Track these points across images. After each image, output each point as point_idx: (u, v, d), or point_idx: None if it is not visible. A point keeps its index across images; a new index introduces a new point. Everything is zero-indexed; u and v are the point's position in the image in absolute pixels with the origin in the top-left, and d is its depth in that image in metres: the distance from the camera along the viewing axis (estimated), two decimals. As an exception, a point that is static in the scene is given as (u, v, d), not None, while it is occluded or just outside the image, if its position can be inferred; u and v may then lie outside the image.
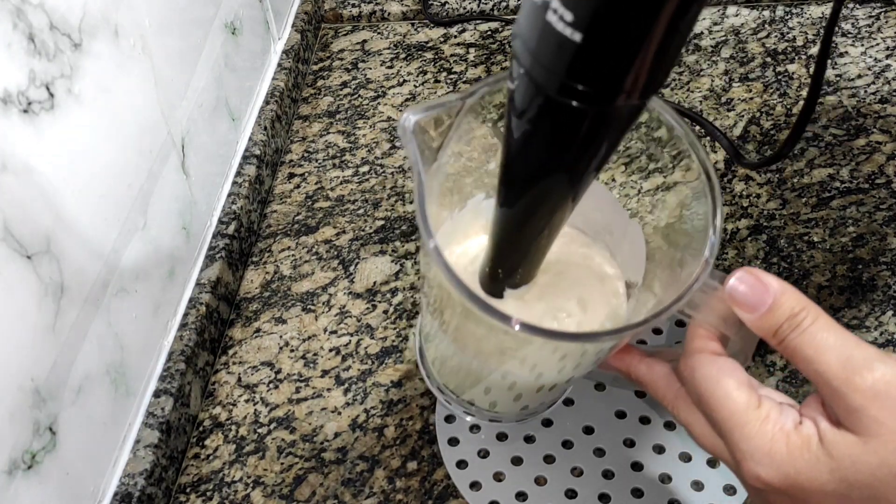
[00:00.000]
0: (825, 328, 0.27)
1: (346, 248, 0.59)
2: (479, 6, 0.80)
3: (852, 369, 0.26)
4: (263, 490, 0.46)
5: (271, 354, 0.52)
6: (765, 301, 0.28)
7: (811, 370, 0.27)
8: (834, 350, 0.27)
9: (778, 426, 0.28)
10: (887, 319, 0.51)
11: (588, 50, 0.21)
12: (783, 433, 0.27)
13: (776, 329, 0.28)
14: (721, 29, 0.75)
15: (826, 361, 0.27)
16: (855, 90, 0.67)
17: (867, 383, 0.26)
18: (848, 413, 0.26)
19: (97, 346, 0.41)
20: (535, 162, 0.27)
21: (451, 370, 0.40)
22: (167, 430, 0.46)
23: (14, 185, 0.34)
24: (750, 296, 0.29)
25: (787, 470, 0.27)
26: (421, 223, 0.29)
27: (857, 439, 0.26)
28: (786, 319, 0.28)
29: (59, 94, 0.37)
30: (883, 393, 0.25)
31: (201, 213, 0.55)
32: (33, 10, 0.35)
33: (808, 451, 0.27)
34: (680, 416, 0.32)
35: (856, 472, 0.26)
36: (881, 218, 0.57)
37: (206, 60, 0.55)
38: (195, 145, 0.53)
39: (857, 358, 0.26)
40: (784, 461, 0.27)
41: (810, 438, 0.27)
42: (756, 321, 0.29)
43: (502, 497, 0.44)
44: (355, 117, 0.70)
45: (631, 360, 0.34)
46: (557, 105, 0.23)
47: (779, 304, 0.28)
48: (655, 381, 0.33)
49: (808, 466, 0.27)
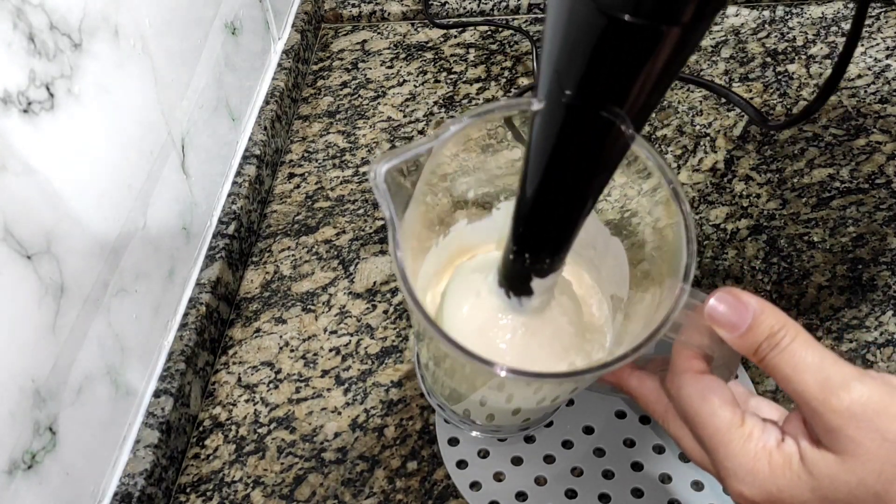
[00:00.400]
0: (803, 346, 0.28)
1: (346, 248, 0.59)
2: (479, 6, 0.80)
3: (829, 390, 0.26)
4: (263, 490, 0.46)
5: (271, 354, 0.52)
6: (744, 320, 0.29)
7: (790, 389, 0.28)
8: (811, 369, 0.27)
9: (760, 444, 0.28)
10: (887, 319, 0.51)
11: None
12: (765, 451, 0.28)
13: (756, 347, 0.29)
14: (721, 29, 0.75)
15: (804, 381, 0.27)
16: (855, 90, 0.67)
17: (844, 404, 0.26)
18: (826, 432, 0.27)
19: (97, 346, 0.41)
20: (593, 89, 0.25)
21: (447, 390, 0.40)
22: (167, 430, 0.46)
23: (14, 185, 0.34)
24: (730, 315, 0.29)
25: (769, 488, 0.28)
26: (401, 281, 0.29)
27: (835, 458, 0.26)
28: (765, 338, 0.28)
29: (59, 94, 0.37)
30: (859, 414, 0.26)
31: (201, 213, 0.55)
32: (33, 10, 0.35)
33: (790, 469, 0.27)
34: (670, 430, 0.33)
35: (835, 491, 0.26)
36: (881, 218, 0.57)
37: (206, 60, 0.55)
38: (195, 145, 0.53)
39: (835, 378, 0.27)
40: (766, 479, 0.28)
41: (791, 457, 0.28)
42: (736, 340, 0.29)
43: (502, 497, 0.44)
44: (355, 117, 0.70)
45: (622, 374, 0.35)
46: (629, 27, 0.22)
47: (758, 322, 0.28)
48: (646, 395, 0.34)
49: (789, 485, 0.27)
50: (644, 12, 0.21)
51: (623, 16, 0.22)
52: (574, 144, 0.27)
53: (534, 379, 0.30)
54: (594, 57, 0.24)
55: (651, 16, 0.22)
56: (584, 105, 0.25)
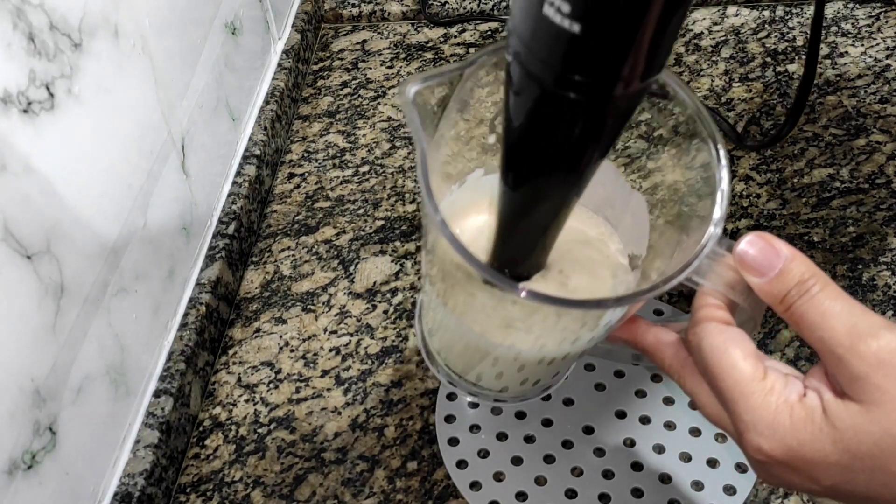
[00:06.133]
0: (833, 296, 0.27)
1: (346, 248, 0.59)
2: (479, 6, 0.80)
3: (857, 336, 0.26)
4: (263, 490, 0.46)
5: (271, 354, 0.52)
6: (774, 265, 0.28)
7: (816, 337, 0.27)
8: (840, 317, 0.26)
9: (782, 398, 0.27)
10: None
11: (587, 40, 0.21)
12: (787, 405, 0.27)
13: (784, 295, 0.28)
14: (721, 29, 0.75)
15: (832, 328, 0.26)
16: (855, 90, 0.67)
17: (871, 350, 0.25)
18: (851, 381, 0.26)
19: (97, 346, 0.41)
20: (536, 155, 0.26)
21: (457, 353, 0.39)
22: (167, 430, 0.46)
23: (14, 185, 0.34)
24: (760, 259, 0.28)
25: (789, 442, 0.27)
26: (425, 195, 0.28)
27: (860, 408, 0.26)
28: (795, 285, 0.27)
29: (59, 94, 0.37)
30: (887, 361, 0.25)
31: (201, 213, 0.55)
32: (33, 10, 0.35)
33: (812, 422, 0.27)
34: (686, 386, 0.32)
35: (858, 443, 0.26)
36: (881, 218, 0.57)
37: (206, 60, 0.55)
38: (195, 145, 0.53)
39: (863, 325, 0.26)
40: (787, 433, 0.27)
41: (814, 410, 0.27)
42: (765, 286, 0.28)
43: (502, 497, 0.44)
44: (355, 117, 0.70)
45: (637, 329, 0.34)
46: (555, 97, 0.23)
47: (788, 269, 0.28)
48: (662, 349, 0.33)
49: (811, 438, 0.26)
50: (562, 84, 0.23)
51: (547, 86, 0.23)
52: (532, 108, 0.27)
53: (555, 305, 0.29)
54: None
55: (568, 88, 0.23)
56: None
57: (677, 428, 0.46)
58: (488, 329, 0.35)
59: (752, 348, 0.29)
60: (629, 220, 0.37)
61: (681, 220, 0.33)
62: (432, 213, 0.28)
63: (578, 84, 0.22)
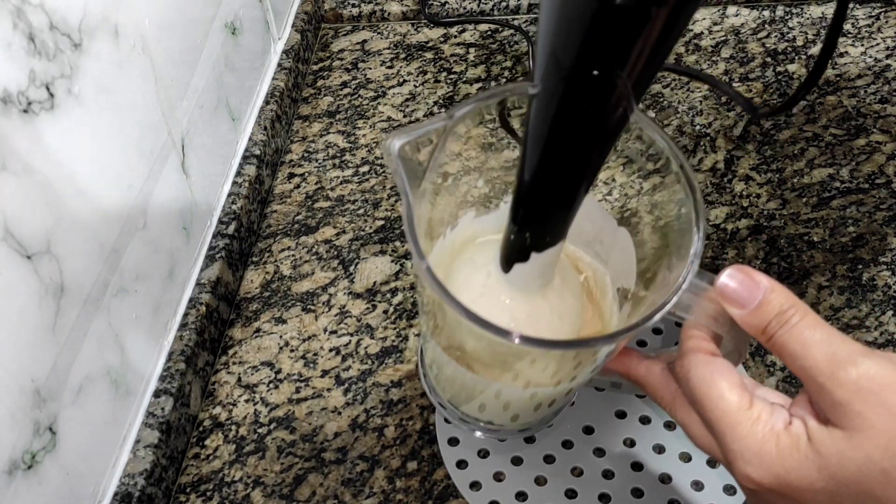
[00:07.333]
0: (812, 325, 0.28)
1: (346, 248, 0.59)
2: (479, 6, 0.80)
3: (837, 364, 0.26)
4: (263, 490, 0.46)
5: (271, 354, 0.52)
6: (755, 297, 0.29)
7: (798, 366, 0.28)
8: (820, 346, 0.27)
9: (768, 427, 0.28)
10: (887, 319, 0.51)
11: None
12: (773, 433, 0.28)
13: (765, 325, 0.29)
14: (721, 29, 0.75)
15: (812, 356, 0.27)
16: (855, 90, 0.67)
17: (851, 378, 0.26)
18: (833, 408, 0.26)
19: (97, 346, 0.41)
20: (588, 66, 0.26)
21: (447, 382, 0.40)
22: (167, 430, 0.46)
23: (14, 185, 0.34)
24: (740, 292, 0.29)
25: (777, 470, 0.27)
26: (412, 244, 0.29)
27: (843, 435, 0.26)
28: (775, 316, 0.28)
29: (59, 94, 0.37)
30: (866, 388, 0.26)
31: (201, 213, 0.55)
32: (33, 10, 0.35)
33: (798, 450, 0.27)
34: (677, 417, 0.32)
35: (843, 469, 0.26)
36: (881, 218, 0.57)
37: (206, 60, 0.55)
38: (195, 145, 0.53)
39: (842, 353, 0.27)
40: (774, 461, 0.27)
41: (799, 437, 0.27)
42: (746, 317, 0.29)
43: (502, 497, 0.44)
44: (355, 117, 0.70)
45: (629, 362, 0.35)
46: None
47: (768, 300, 0.29)
48: (653, 382, 0.34)
49: (797, 466, 0.27)
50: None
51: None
52: (574, 112, 0.27)
53: (546, 348, 0.30)
54: (588, 39, 0.25)
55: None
56: (580, 75, 0.26)
57: (677, 428, 0.46)
58: (478, 369, 0.35)
59: (738, 379, 0.30)
60: (618, 254, 0.38)
61: (665, 256, 0.34)
62: (419, 261, 0.29)
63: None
